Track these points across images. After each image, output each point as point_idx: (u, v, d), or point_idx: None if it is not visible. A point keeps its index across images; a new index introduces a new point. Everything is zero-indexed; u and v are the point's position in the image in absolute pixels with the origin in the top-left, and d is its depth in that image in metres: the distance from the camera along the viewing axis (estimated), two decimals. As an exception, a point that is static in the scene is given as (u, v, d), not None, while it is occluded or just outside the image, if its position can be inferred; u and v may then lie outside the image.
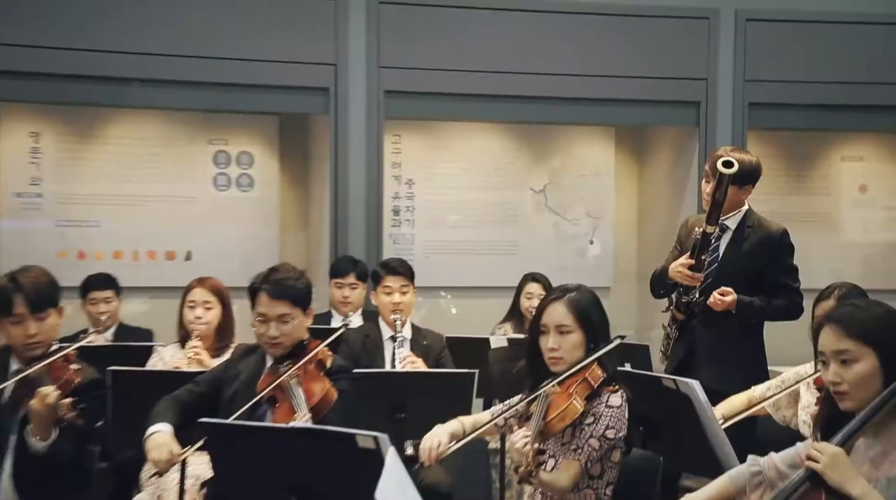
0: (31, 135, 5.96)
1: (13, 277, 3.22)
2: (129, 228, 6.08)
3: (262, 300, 3.24)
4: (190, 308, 4.35)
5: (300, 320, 3.26)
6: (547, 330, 2.95)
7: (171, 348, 4.41)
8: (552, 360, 2.93)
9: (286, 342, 3.24)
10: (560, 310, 2.94)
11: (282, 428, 2.57)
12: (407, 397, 3.84)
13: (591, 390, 2.88)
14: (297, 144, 6.36)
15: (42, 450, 3.05)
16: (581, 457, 2.85)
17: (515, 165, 6.53)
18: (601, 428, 2.87)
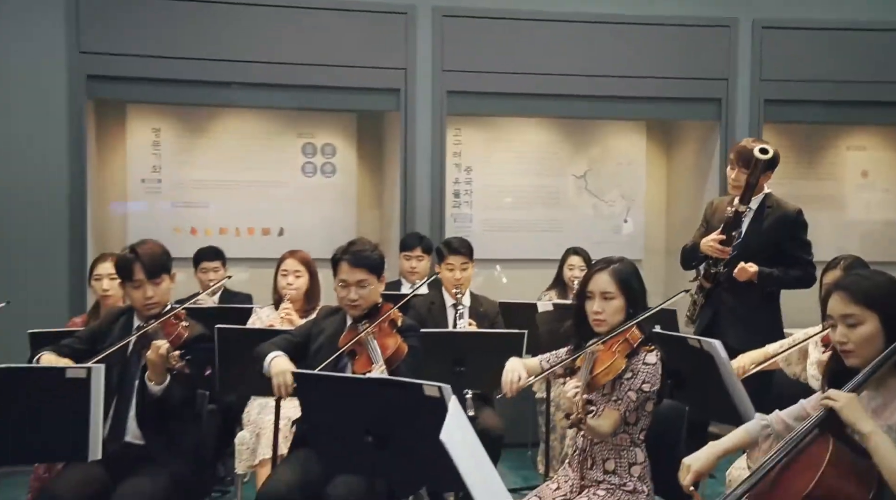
0: (153, 130, 6.04)
1: (133, 248, 3.26)
2: (233, 209, 6.14)
3: (343, 268, 3.26)
4: (283, 276, 4.39)
5: (375, 286, 3.27)
6: (592, 296, 2.92)
7: (266, 309, 4.46)
8: (596, 322, 2.91)
9: (363, 305, 3.25)
10: (605, 278, 2.91)
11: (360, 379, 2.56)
12: (466, 353, 3.84)
13: (631, 349, 2.86)
14: (372, 136, 6.37)
15: (157, 393, 3.10)
16: (621, 407, 2.83)
17: (559, 155, 6.47)
18: (638, 382, 2.84)
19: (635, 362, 2.86)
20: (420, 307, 4.46)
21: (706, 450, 2.33)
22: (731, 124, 5.93)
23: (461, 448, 1.82)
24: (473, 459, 1.87)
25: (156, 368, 3.06)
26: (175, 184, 6.06)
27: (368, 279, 3.24)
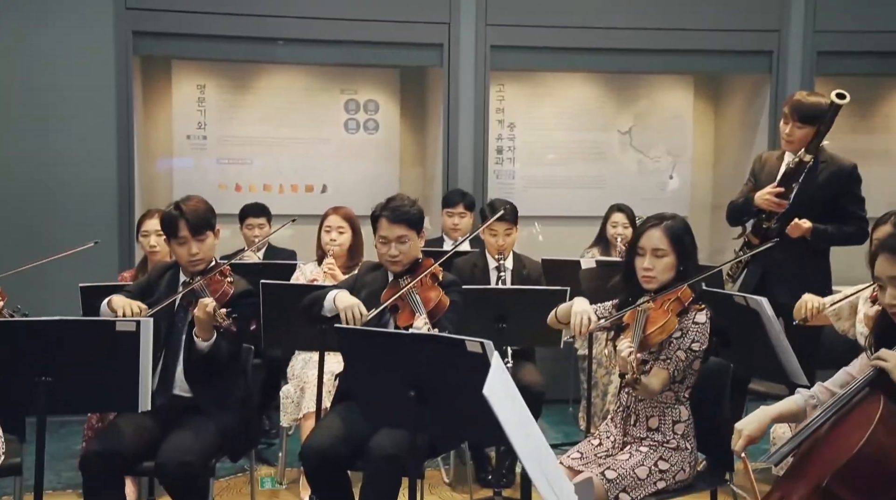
0: (198, 87, 6.06)
1: (178, 205, 3.27)
2: (276, 165, 6.16)
3: (382, 225, 3.26)
4: (326, 232, 4.40)
5: (415, 242, 3.27)
6: (643, 252, 2.89)
7: (310, 265, 4.48)
8: (646, 278, 2.88)
9: (404, 260, 3.26)
10: (657, 235, 2.88)
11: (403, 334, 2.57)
12: (508, 310, 3.83)
13: (682, 307, 2.82)
14: (415, 92, 6.32)
15: (205, 349, 3.14)
16: (670, 366, 2.80)
17: (604, 110, 6.38)
18: (688, 342, 2.81)
19: (685, 321, 2.83)
20: (463, 269, 4.45)
21: (758, 415, 2.30)
22: (783, 77, 5.78)
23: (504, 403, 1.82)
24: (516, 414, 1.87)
25: (203, 325, 3.09)
26: (220, 140, 6.09)
27: (408, 235, 3.24)
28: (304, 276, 4.39)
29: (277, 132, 6.16)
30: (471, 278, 4.39)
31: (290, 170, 6.19)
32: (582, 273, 4.41)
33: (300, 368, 4.19)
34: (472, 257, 4.55)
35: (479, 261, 4.50)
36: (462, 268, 4.45)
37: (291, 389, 4.14)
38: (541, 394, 4.09)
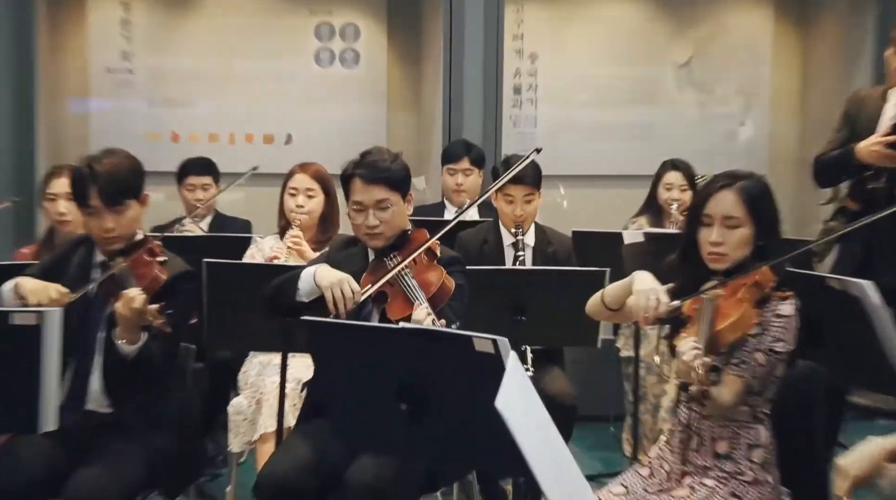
0: (122, 4, 6.04)
1: (90, 163, 3.19)
2: (226, 109, 6.17)
3: (356, 187, 3.24)
4: (291, 196, 4.38)
5: (399, 207, 3.25)
6: (711, 221, 2.85)
7: (269, 239, 4.46)
8: (713, 256, 2.84)
9: (387, 232, 3.24)
10: (729, 199, 2.84)
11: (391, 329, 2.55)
12: (529, 297, 3.81)
13: (761, 295, 2.78)
14: (407, 14, 6.31)
15: (131, 354, 3.10)
16: (745, 373, 2.77)
17: (654, 36, 6.39)
18: (769, 341, 2.78)
19: (765, 314, 2.79)
20: (469, 245, 4.43)
21: (870, 449, 2.27)
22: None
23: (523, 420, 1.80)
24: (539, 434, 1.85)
25: (128, 325, 3.04)
26: (151, 75, 6.08)
27: (389, 198, 3.21)
28: (262, 253, 4.37)
29: (228, 66, 6.15)
30: (480, 258, 4.38)
31: (244, 115, 6.18)
32: (625, 250, 4.40)
33: (256, 374, 4.18)
34: (481, 230, 4.54)
35: (491, 235, 4.49)
36: (468, 244, 4.44)
37: (244, 402, 4.12)
38: (572, 409, 4.08)
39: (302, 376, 3.89)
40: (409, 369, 2.35)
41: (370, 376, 2.44)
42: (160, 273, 3.15)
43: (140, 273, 3.13)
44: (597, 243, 4.59)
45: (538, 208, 4.45)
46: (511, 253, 4.39)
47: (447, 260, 3.28)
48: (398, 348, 2.39)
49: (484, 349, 2.15)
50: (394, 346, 2.41)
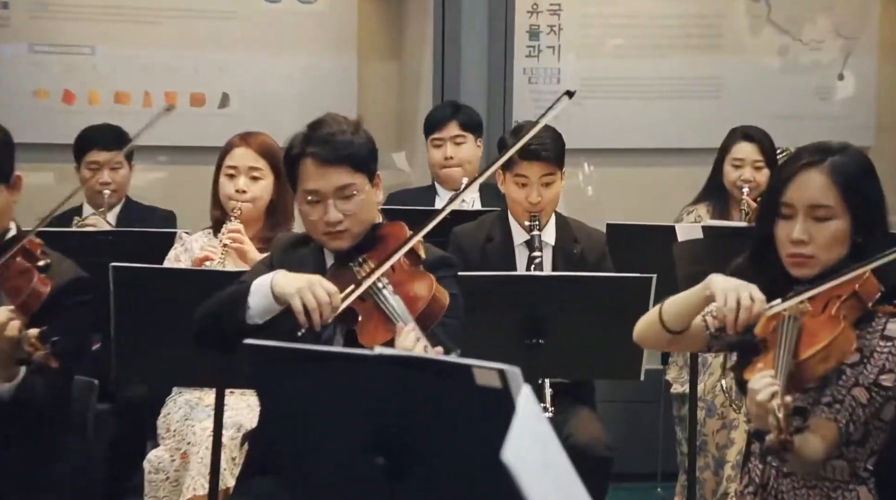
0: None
1: None
2: (138, 59, 6.16)
3: (308, 171, 3.25)
4: (229, 177, 4.40)
5: (367, 194, 3.27)
6: (793, 212, 2.88)
7: (199, 235, 4.49)
8: (796, 259, 2.87)
9: (354, 228, 3.26)
10: (817, 182, 2.86)
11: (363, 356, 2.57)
12: (548, 314, 3.85)
13: (863, 310, 2.81)
14: (383, -70, 6.33)
15: (6, 395, 3.11)
16: (841, 416, 2.79)
17: (719, -41, 6.39)
18: (873, 371, 2.80)
19: (867, 336, 2.82)
20: (468, 244, 4.45)
21: None
22: None
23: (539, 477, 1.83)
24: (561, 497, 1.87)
25: (8, 353, 3.04)
26: (34, 12, 6.07)
27: (355, 183, 3.24)
28: (190, 255, 4.39)
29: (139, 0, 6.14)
30: (482, 261, 4.39)
31: (164, 67, 6.18)
32: (679, 249, 4.43)
33: (180, 418, 4.21)
34: (483, 224, 4.56)
35: (497, 231, 4.51)
36: (466, 242, 4.45)
37: (165, 456, 4.16)
38: (607, 462, 4.11)
39: (243, 421, 3.92)
40: (387, 410, 2.37)
41: (335, 419, 2.46)
42: (41, 284, 3.14)
43: (12, 286, 3.12)
44: (640, 241, 4.63)
45: (560, 195, 4.46)
46: (524, 254, 4.40)
47: (433, 262, 3.29)
48: (373, 382, 2.41)
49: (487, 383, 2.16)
50: (367, 379, 2.42)
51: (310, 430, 2.55)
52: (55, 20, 6.11)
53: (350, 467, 2.43)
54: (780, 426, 2.59)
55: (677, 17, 6.38)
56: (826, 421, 2.80)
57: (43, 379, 3.12)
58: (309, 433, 2.56)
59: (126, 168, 5.33)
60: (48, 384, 3.15)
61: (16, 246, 3.16)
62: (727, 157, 5.36)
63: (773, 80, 6.43)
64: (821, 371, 2.78)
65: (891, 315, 2.83)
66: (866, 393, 2.80)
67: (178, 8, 6.18)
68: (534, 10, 6.25)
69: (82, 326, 3.32)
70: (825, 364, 2.77)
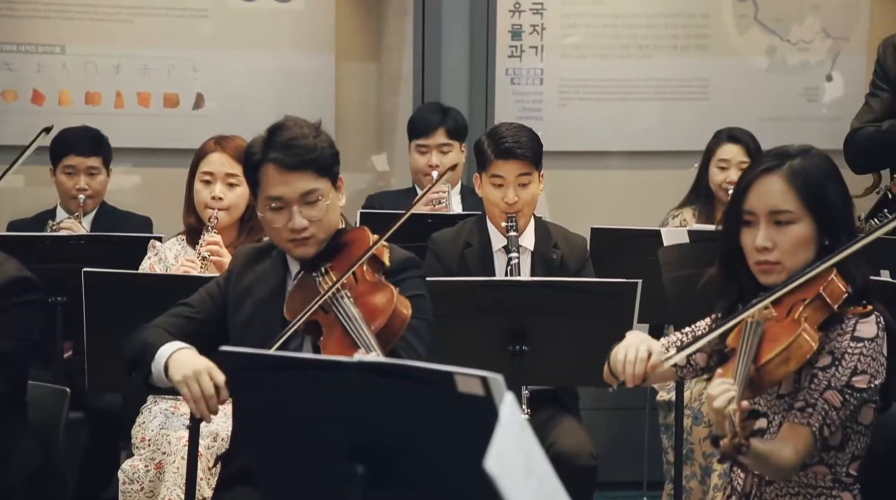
0: None
1: None
2: (109, 58, 6.15)
3: (270, 177, 3.25)
4: (204, 184, 4.38)
5: (332, 198, 3.28)
6: (755, 219, 2.91)
7: (172, 243, 4.47)
8: (762, 266, 2.90)
9: (320, 234, 3.26)
10: (776, 186, 2.90)
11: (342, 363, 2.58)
12: (531, 320, 3.86)
13: (830, 313, 2.84)
14: (362, -75, 6.33)
15: None
16: (813, 420, 2.82)
17: (706, -43, 6.40)
18: (845, 373, 2.82)
19: (837, 337, 2.85)
20: (446, 250, 4.45)
21: None
22: None
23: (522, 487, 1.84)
24: (544, 506, 1.89)
25: None
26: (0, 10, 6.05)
27: (320, 188, 3.24)
28: (164, 263, 4.38)
29: (110, -5, 6.15)
30: (460, 267, 4.40)
31: (137, 67, 6.18)
32: (664, 254, 4.44)
33: (156, 428, 4.20)
34: (462, 230, 4.56)
35: (476, 236, 4.51)
36: (444, 248, 4.46)
37: (140, 466, 4.15)
38: (591, 471, 4.12)
39: (220, 431, 3.93)
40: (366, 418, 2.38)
41: (314, 427, 2.46)
42: None
43: None
44: (625, 245, 4.65)
45: (538, 197, 4.46)
46: (503, 260, 4.40)
47: (398, 266, 3.29)
48: (351, 390, 2.41)
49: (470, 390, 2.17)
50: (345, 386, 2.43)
51: (287, 438, 2.55)
52: (23, 18, 6.09)
53: (329, 476, 2.43)
54: (734, 430, 2.60)
55: (663, 17, 6.37)
56: (798, 426, 2.82)
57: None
58: (286, 442, 2.56)
59: (104, 174, 5.31)
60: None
61: None
62: (713, 159, 5.39)
63: (761, 81, 6.44)
64: (781, 374, 2.82)
65: (860, 316, 2.86)
66: (839, 396, 2.82)
67: (151, 6, 6.16)
68: (516, 9, 6.24)
69: (25, 326, 3.32)
70: (786, 367, 2.80)
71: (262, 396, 2.58)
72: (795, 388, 2.88)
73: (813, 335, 2.81)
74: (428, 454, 2.32)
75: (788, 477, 2.86)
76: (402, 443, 2.36)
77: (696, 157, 5.50)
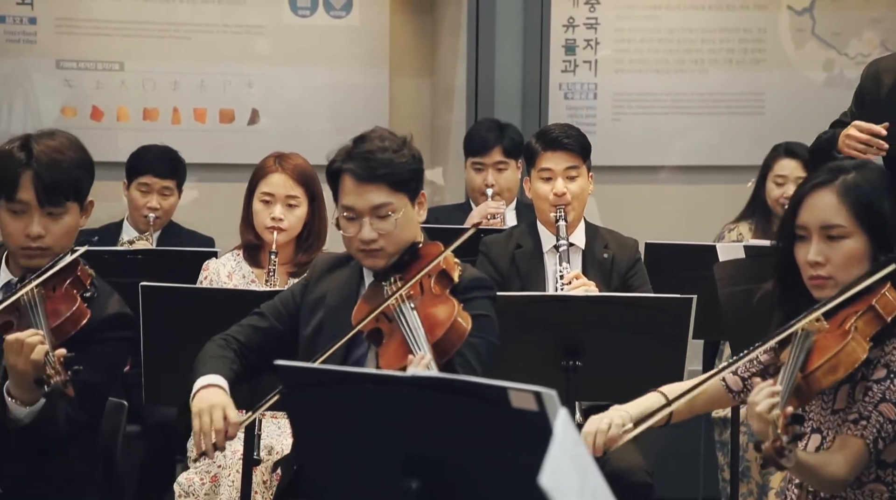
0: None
1: (27, 143, 3.26)
2: (167, 74, 6.20)
3: (346, 187, 3.27)
4: (264, 204, 4.36)
5: (407, 214, 3.28)
6: (807, 234, 2.90)
7: (227, 258, 4.48)
8: (815, 280, 2.88)
9: (389, 248, 3.26)
10: (827, 201, 2.88)
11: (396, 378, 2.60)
12: (584, 335, 3.86)
13: (883, 325, 2.82)
14: (417, -58, 6.36)
15: (25, 419, 3.12)
16: (867, 432, 2.80)
17: (763, -30, 6.38)
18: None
19: (893, 351, 2.83)
20: (497, 253, 4.46)
21: None
22: None
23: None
24: (599, 522, 1.89)
25: (20, 380, 3.05)
26: (60, 28, 6.12)
27: (393, 203, 3.24)
28: (217, 277, 4.40)
29: (168, 14, 6.19)
30: (511, 269, 4.40)
31: (193, 83, 6.23)
32: (719, 269, 4.43)
33: (211, 440, 4.23)
34: (512, 233, 4.56)
35: (526, 239, 4.50)
36: (495, 250, 4.46)
37: (195, 479, 4.18)
38: (646, 488, 4.12)
39: (274, 444, 3.95)
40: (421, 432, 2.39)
41: (369, 442, 2.47)
42: (81, 312, 3.19)
43: (54, 308, 3.16)
44: (679, 260, 4.63)
45: (587, 195, 4.43)
46: (553, 261, 4.39)
47: (467, 284, 3.29)
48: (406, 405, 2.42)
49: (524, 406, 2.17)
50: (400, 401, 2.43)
51: (342, 453, 2.56)
52: (83, 36, 6.16)
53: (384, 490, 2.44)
54: (776, 434, 2.58)
55: (719, 32, 6.36)
56: (851, 438, 2.80)
57: (63, 407, 3.14)
58: (342, 456, 2.57)
59: (176, 195, 5.33)
60: (68, 413, 3.16)
61: (70, 272, 3.23)
62: (770, 174, 5.37)
63: (818, 96, 6.40)
64: (828, 382, 2.79)
65: None
66: (894, 409, 2.81)
67: (208, 23, 6.21)
68: (570, 24, 6.25)
69: (115, 361, 3.37)
70: (833, 375, 2.78)
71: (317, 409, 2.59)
72: (850, 402, 2.86)
73: (862, 344, 2.79)
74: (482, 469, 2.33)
75: (839, 491, 2.84)
76: (457, 458, 2.36)
77: (751, 171, 5.48)
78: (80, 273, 3.25)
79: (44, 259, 3.26)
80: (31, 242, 3.24)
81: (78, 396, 3.05)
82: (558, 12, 6.14)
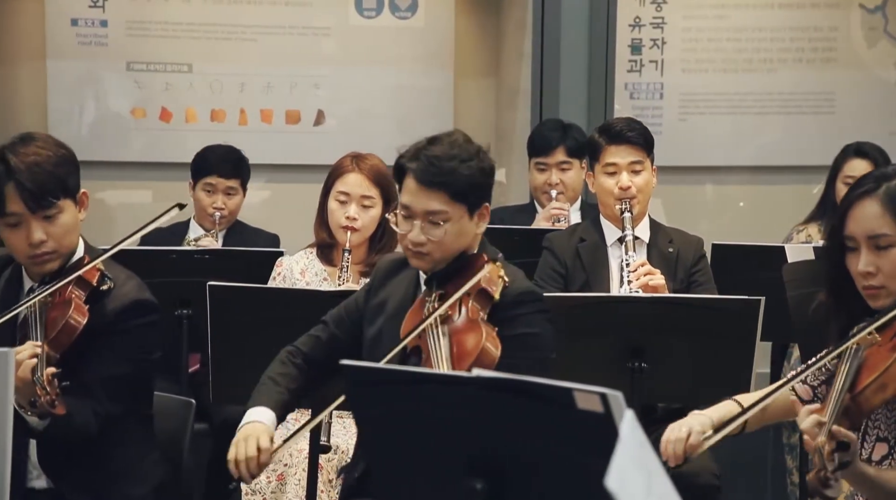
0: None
1: (2, 155, 3.24)
2: (234, 76, 6.24)
3: (407, 185, 3.26)
4: (340, 204, 4.37)
5: (462, 225, 3.23)
6: (856, 245, 2.85)
7: (300, 256, 4.49)
8: (869, 291, 2.84)
9: (436, 254, 3.23)
10: (872, 210, 2.82)
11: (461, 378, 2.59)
12: (650, 337, 3.84)
13: None
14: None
15: (39, 427, 3.15)
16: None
17: (833, -32, 6.33)
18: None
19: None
20: (560, 247, 4.45)
21: None
22: None
23: (643, 505, 1.84)
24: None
25: (19, 396, 3.03)
26: (132, 31, 6.17)
27: (449, 212, 3.20)
28: (291, 273, 4.42)
29: (236, 16, 6.23)
30: (574, 263, 4.39)
31: (260, 84, 6.27)
32: (788, 271, 4.39)
33: (277, 440, 4.25)
34: (577, 230, 4.55)
35: (591, 231, 4.49)
36: (559, 245, 4.44)
37: (262, 476, 4.19)
38: (714, 490, 4.09)
39: (340, 443, 3.96)
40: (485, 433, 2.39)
41: (433, 442, 2.47)
42: (75, 318, 3.17)
43: (53, 317, 3.18)
44: (747, 262, 4.60)
45: (651, 189, 4.42)
46: (618, 254, 4.37)
47: (512, 301, 3.21)
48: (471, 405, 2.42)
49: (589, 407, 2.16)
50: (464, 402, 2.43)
51: (407, 453, 2.57)
52: (153, 38, 6.21)
53: (449, 491, 2.43)
54: (820, 461, 2.56)
55: (789, 31, 6.32)
56: None
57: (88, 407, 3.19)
58: (406, 456, 2.58)
59: (241, 195, 5.36)
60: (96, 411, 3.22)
61: (68, 278, 3.24)
62: (840, 174, 5.31)
63: (890, 95, 6.36)
64: (878, 402, 2.74)
65: None
66: None
67: (274, 25, 6.25)
68: (636, 23, 6.24)
69: (143, 346, 3.38)
70: (882, 394, 2.73)
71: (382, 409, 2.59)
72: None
73: None
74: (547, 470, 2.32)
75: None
76: (522, 459, 2.36)
77: (821, 172, 5.43)
78: (84, 276, 3.25)
79: (55, 263, 3.29)
80: (35, 249, 3.25)
81: (105, 390, 3.16)
82: (624, 12, 6.13)
